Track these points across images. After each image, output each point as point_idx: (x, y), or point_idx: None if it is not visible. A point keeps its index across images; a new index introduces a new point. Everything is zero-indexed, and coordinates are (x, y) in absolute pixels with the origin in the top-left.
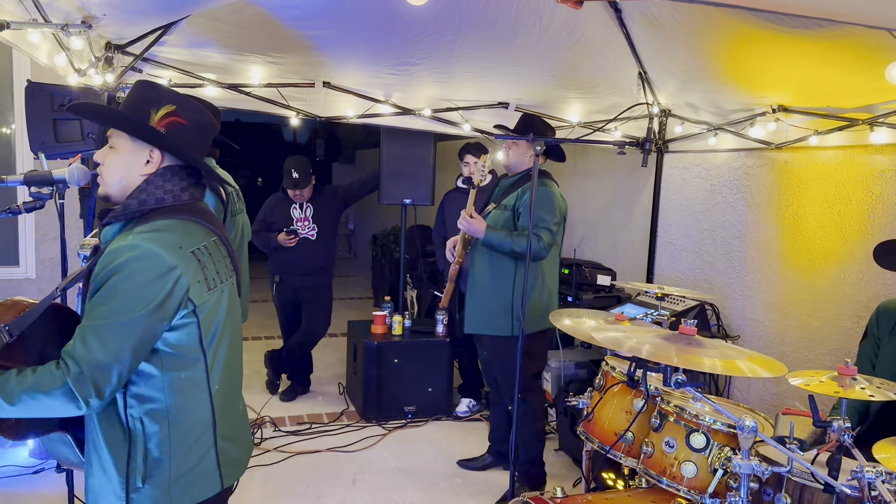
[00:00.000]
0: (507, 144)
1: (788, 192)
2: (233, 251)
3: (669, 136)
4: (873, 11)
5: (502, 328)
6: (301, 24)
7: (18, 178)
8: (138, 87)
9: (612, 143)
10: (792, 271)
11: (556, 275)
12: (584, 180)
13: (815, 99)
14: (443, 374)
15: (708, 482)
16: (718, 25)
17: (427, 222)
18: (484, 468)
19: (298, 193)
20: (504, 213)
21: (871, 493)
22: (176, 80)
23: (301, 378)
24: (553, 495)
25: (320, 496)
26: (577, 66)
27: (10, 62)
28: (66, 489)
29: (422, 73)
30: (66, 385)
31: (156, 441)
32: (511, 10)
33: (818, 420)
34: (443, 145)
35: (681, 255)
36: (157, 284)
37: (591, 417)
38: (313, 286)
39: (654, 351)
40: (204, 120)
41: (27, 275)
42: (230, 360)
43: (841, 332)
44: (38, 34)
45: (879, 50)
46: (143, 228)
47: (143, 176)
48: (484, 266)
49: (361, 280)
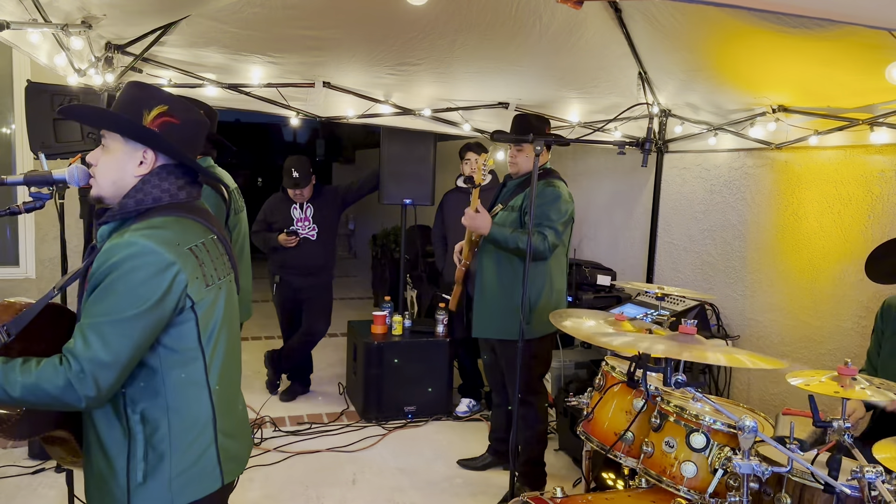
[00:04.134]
0: (512, 151)
1: (788, 192)
2: (230, 249)
3: (669, 136)
4: (873, 11)
5: (511, 331)
6: (301, 24)
7: (18, 178)
8: (129, 88)
9: (612, 143)
10: (792, 271)
11: (564, 276)
12: (584, 180)
13: (815, 99)
14: (443, 374)
15: (708, 482)
16: (719, 25)
17: (427, 222)
18: (484, 468)
19: (298, 193)
20: (511, 214)
21: (871, 493)
22: (176, 80)
23: (301, 378)
24: (553, 495)
25: (320, 496)
26: (577, 66)
27: (10, 62)
28: (66, 489)
29: (422, 73)
30: (67, 381)
31: (156, 438)
32: (511, 10)
33: (818, 420)
34: (443, 145)
35: (681, 255)
36: (156, 281)
37: (591, 417)
38: (313, 286)
39: (655, 350)
40: (196, 118)
41: (27, 275)
42: (229, 358)
43: (841, 332)
44: (38, 34)
45: (879, 50)
46: (140, 226)
47: (137, 177)
48: (492, 269)
49: (361, 280)
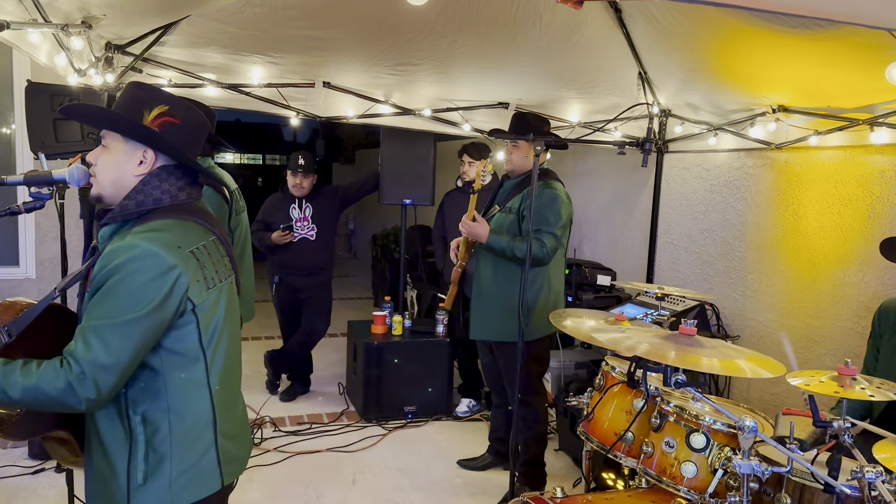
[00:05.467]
0: (508, 148)
1: (788, 192)
2: (231, 250)
3: (669, 136)
4: (873, 11)
5: (509, 333)
6: (301, 24)
7: (18, 178)
8: (130, 88)
9: (612, 143)
10: (792, 271)
11: (562, 276)
12: (584, 180)
13: (815, 99)
14: (443, 374)
15: (708, 482)
16: (718, 25)
17: (427, 222)
18: (484, 468)
19: (297, 184)
20: (509, 217)
21: (871, 493)
22: (176, 80)
23: (301, 378)
24: (553, 495)
25: (320, 496)
26: (577, 66)
27: (10, 62)
28: (66, 489)
29: (422, 73)
30: (68, 384)
31: (156, 439)
32: (511, 10)
33: (818, 420)
34: (443, 145)
35: (681, 255)
36: (157, 284)
37: (591, 417)
38: (313, 286)
39: (654, 351)
40: (196, 119)
41: (27, 275)
42: (230, 359)
43: (841, 333)
44: (38, 34)
45: (879, 50)
46: (141, 228)
47: (137, 177)
48: (489, 271)
49: (361, 280)
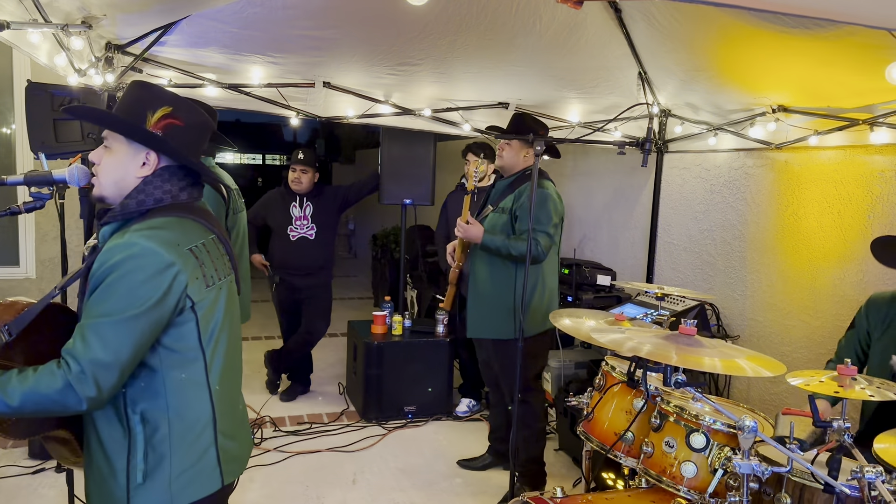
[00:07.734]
0: (501, 145)
1: (788, 192)
2: (231, 249)
3: (669, 136)
4: (873, 11)
5: (505, 331)
6: (301, 25)
7: (18, 178)
8: (133, 88)
9: (612, 143)
10: (792, 271)
11: (556, 275)
12: (584, 180)
13: (815, 99)
14: (443, 374)
15: (708, 482)
16: (718, 25)
17: (427, 222)
18: (484, 468)
19: (296, 178)
20: (502, 217)
21: (871, 493)
22: (176, 80)
23: (301, 378)
24: (553, 495)
25: (320, 496)
26: (576, 67)
27: (10, 62)
28: (66, 489)
29: (422, 73)
30: (67, 384)
31: (156, 439)
32: (511, 10)
33: (818, 420)
34: (443, 145)
35: (681, 255)
36: (156, 281)
37: (591, 417)
38: (312, 286)
39: (654, 351)
40: (200, 120)
41: (27, 275)
42: (229, 358)
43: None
44: (38, 34)
45: (879, 50)
46: (140, 226)
47: (139, 178)
48: (484, 270)
49: (361, 280)
